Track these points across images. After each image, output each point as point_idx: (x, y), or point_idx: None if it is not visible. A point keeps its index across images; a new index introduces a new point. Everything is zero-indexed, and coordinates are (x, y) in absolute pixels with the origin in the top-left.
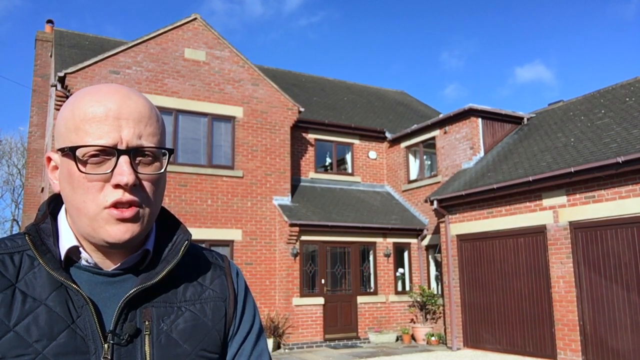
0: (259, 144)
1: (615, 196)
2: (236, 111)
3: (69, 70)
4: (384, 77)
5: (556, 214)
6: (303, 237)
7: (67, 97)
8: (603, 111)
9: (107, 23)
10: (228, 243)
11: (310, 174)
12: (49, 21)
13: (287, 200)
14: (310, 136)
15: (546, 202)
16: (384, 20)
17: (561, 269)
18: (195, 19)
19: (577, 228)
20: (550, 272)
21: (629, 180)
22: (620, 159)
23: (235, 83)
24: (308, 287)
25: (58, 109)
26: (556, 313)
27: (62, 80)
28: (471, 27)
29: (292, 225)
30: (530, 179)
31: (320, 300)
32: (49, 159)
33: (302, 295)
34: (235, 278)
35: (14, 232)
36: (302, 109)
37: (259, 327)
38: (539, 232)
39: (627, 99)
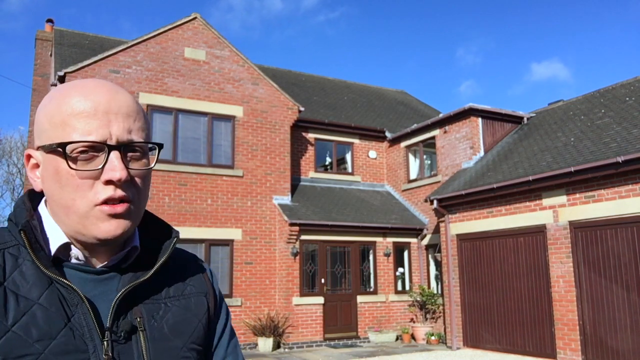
0: (259, 144)
1: (615, 196)
2: (236, 110)
3: (69, 69)
4: (397, 74)
5: (556, 213)
6: (303, 237)
7: None
8: (603, 111)
9: (119, 21)
10: (228, 242)
11: (310, 174)
12: (49, 20)
13: (287, 199)
14: (310, 135)
15: (546, 201)
16: (401, 16)
17: (561, 268)
18: (195, 18)
19: (577, 228)
20: (550, 271)
21: (629, 179)
22: (620, 159)
23: (235, 82)
24: (308, 286)
25: None
26: (556, 313)
27: (62, 79)
28: (489, 24)
29: (292, 224)
30: (530, 178)
31: (320, 300)
32: (29, 157)
33: (302, 294)
34: (209, 275)
35: None
36: (302, 109)
37: (230, 321)
38: (539, 231)
39: (627, 99)
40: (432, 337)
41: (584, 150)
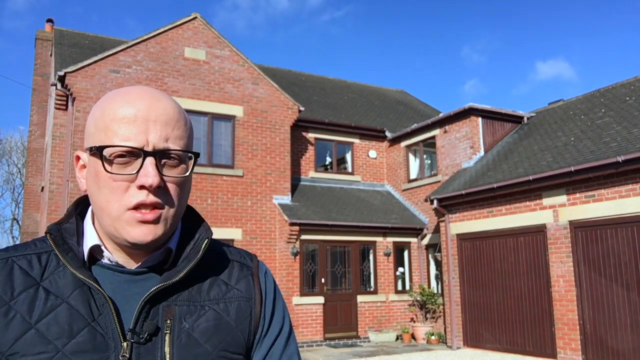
0: (259, 143)
1: (616, 195)
2: (236, 110)
3: (69, 69)
4: (401, 73)
5: (556, 213)
6: (303, 236)
7: (67, 96)
8: (603, 110)
9: (124, 20)
10: (228, 242)
11: (310, 173)
12: (49, 20)
13: (287, 199)
14: (311, 135)
15: (546, 201)
16: (407, 15)
17: (561, 268)
18: (195, 18)
19: (577, 227)
20: (550, 271)
21: (629, 179)
22: (620, 158)
23: (235, 82)
24: (308, 286)
25: (58, 108)
26: (556, 312)
27: (62, 79)
28: (495, 23)
29: (292, 224)
30: (530, 178)
31: (320, 300)
32: (78, 158)
33: (302, 294)
34: (263, 278)
35: (13, 231)
36: (302, 108)
37: (289, 329)
38: (539, 231)
39: (627, 98)
40: (433, 337)
41: (584, 149)
